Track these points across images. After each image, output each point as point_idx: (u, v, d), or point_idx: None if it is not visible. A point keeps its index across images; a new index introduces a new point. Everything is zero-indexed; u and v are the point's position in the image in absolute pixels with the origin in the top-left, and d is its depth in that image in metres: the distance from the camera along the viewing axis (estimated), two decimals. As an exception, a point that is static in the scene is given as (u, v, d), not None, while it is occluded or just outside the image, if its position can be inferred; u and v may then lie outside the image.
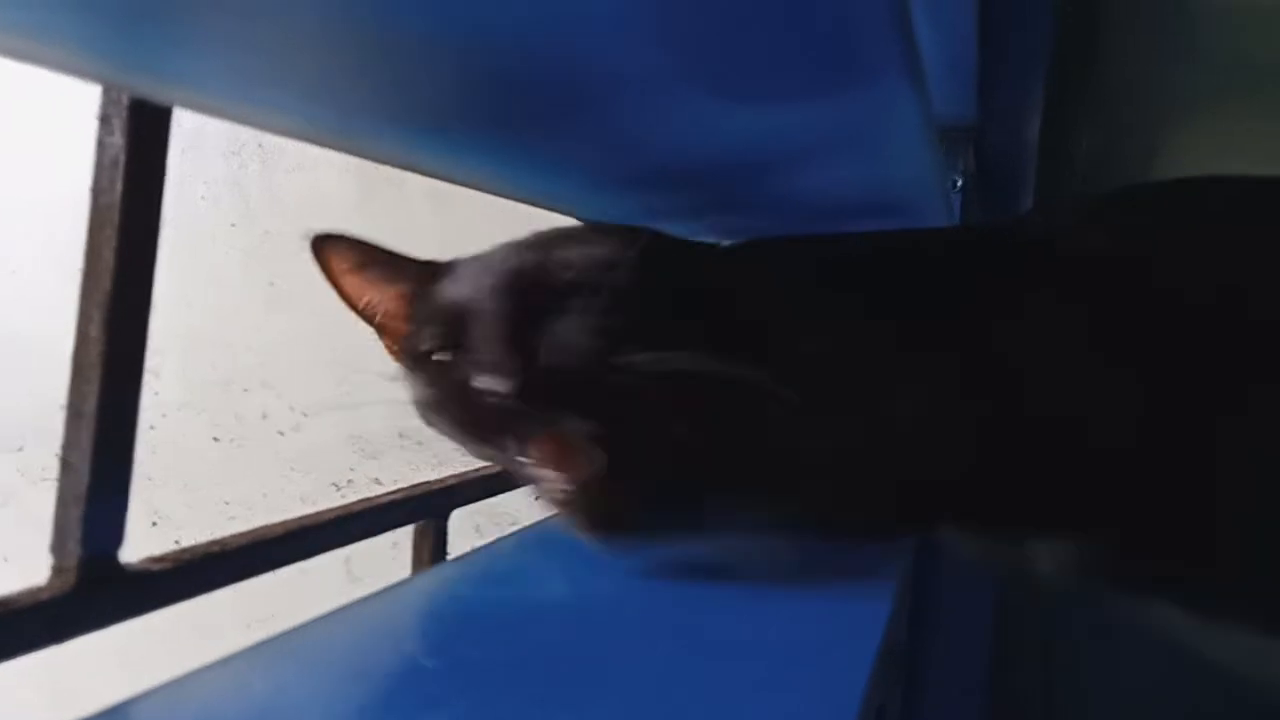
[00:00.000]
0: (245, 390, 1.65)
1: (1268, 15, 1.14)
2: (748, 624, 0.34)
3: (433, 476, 0.56)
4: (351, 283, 0.51)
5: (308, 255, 0.51)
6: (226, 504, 1.72)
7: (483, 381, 0.40)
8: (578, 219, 0.55)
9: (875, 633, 0.32)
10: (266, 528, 0.43)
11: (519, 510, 0.86)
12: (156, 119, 0.34)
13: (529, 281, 0.44)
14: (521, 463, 0.42)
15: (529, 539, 0.47)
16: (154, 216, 0.34)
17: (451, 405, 0.45)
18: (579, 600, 0.37)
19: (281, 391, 1.62)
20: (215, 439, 1.71)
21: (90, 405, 0.33)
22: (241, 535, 0.41)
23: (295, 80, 0.30)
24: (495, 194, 0.51)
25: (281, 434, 1.63)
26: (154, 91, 0.31)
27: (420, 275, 0.50)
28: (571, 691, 0.27)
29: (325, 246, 0.50)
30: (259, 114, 0.37)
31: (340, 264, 0.50)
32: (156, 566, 0.36)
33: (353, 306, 0.52)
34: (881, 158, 0.40)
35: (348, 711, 0.27)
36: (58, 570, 0.33)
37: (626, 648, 0.31)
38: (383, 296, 0.51)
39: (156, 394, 1.73)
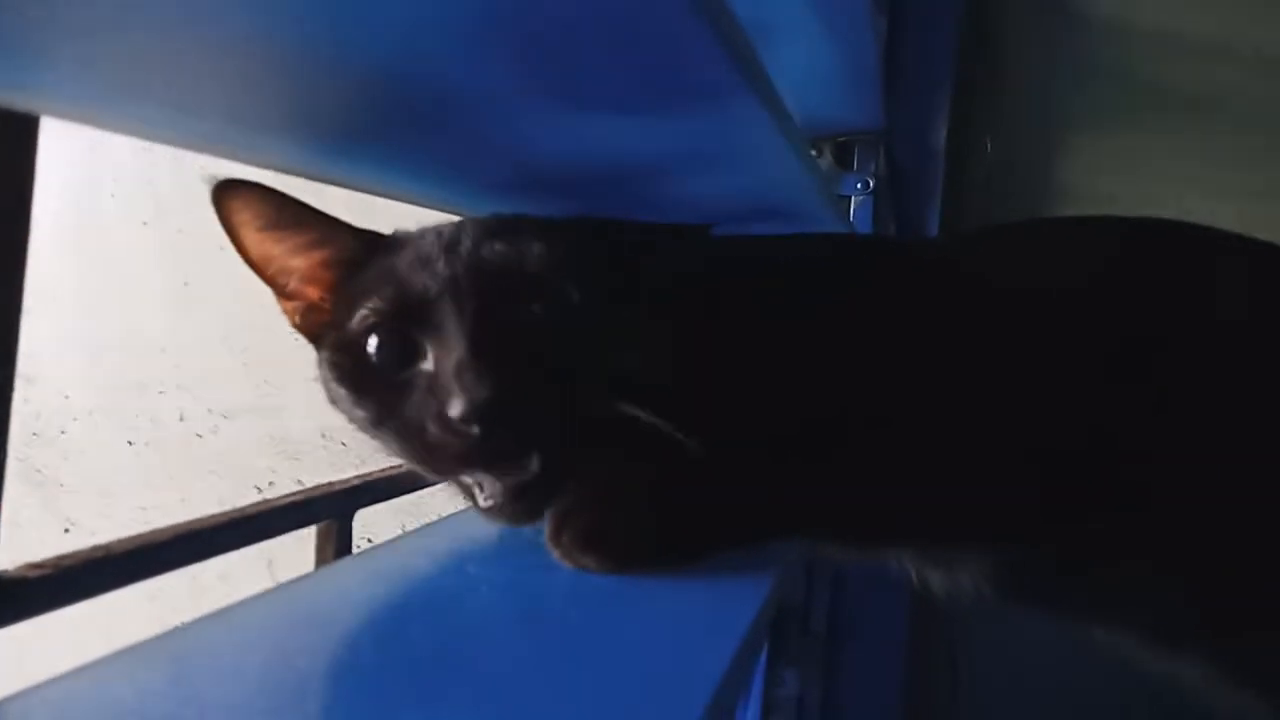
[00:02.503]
0: (160, 392, 1.60)
1: (1153, 37, 1.22)
2: (626, 615, 0.35)
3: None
4: (258, 242, 0.45)
5: (224, 254, 0.46)
6: (143, 509, 1.67)
7: (450, 404, 0.39)
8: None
9: (746, 620, 0.34)
10: (155, 531, 0.43)
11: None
12: (24, 120, 0.34)
13: (497, 279, 0.42)
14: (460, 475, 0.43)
15: (427, 536, 0.48)
16: (23, 219, 0.34)
17: (382, 392, 0.43)
18: (462, 591, 0.38)
19: (198, 393, 1.57)
20: (130, 443, 1.65)
21: (-42, 410, 0.33)
22: (127, 540, 0.41)
23: (166, 96, 0.30)
24: (394, 198, 0.51)
25: (199, 436, 1.59)
26: (17, 103, 0.31)
27: (355, 244, 0.46)
28: (444, 679, 0.29)
29: (230, 196, 0.43)
30: (136, 126, 0.37)
31: (246, 218, 0.44)
32: (34, 574, 0.36)
33: (255, 267, 0.46)
34: (750, 169, 0.42)
35: (226, 702, 0.28)
36: (-74, 579, 0.32)
37: (502, 635, 0.32)
38: (298, 260, 0.46)
39: (67, 398, 1.67)
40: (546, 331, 0.42)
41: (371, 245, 0.46)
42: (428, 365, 0.42)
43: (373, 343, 0.43)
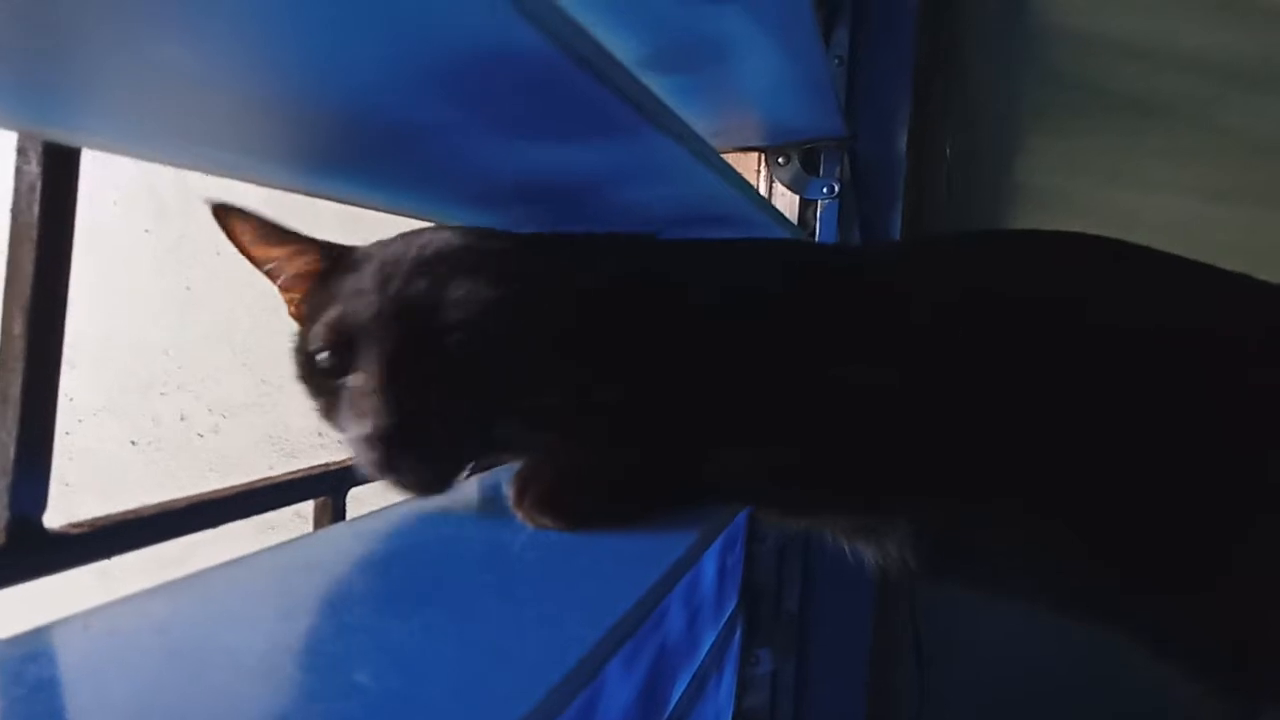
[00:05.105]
0: (162, 393, 1.66)
1: (1107, 43, 1.29)
2: (571, 559, 0.42)
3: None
4: (255, 250, 0.53)
5: (223, 259, 0.54)
6: (146, 507, 1.73)
7: (363, 425, 0.45)
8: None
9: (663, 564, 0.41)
10: (175, 500, 0.49)
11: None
12: (68, 151, 0.40)
13: (415, 318, 0.47)
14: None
15: (409, 507, 0.54)
16: (67, 233, 0.41)
17: (327, 396, 0.50)
18: (439, 543, 0.45)
19: (199, 394, 1.64)
20: (133, 442, 1.71)
21: (15, 391, 0.39)
22: (153, 506, 0.48)
23: (187, 133, 0.37)
24: (379, 210, 0.58)
25: (200, 436, 1.65)
26: (63, 138, 0.38)
27: (322, 257, 0.52)
28: (418, 600, 0.35)
29: (226, 216, 0.51)
30: (160, 156, 0.44)
31: (242, 233, 0.52)
32: (76, 530, 0.43)
33: (256, 267, 0.54)
34: (675, 182, 0.49)
35: (245, 616, 0.34)
36: (-12, 532, 0.39)
37: (468, 572, 0.39)
38: (284, 269, 0.54)
39: (72, 399, 1.73)
40: (457, 365, 0.48)
41: (337, 259, 0.53)
42: (357, 383, 0.48)
43: (322, 356, 0.49)
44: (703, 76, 0.87)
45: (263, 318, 1.49)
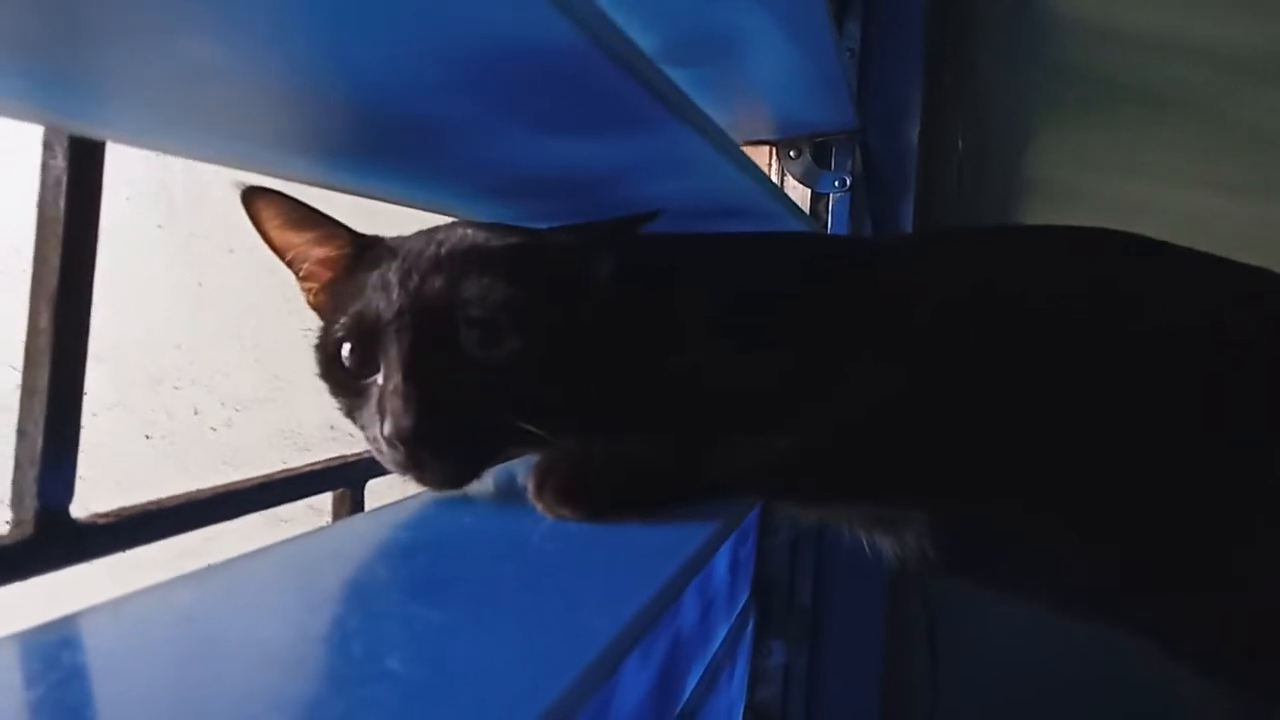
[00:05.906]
0: (176, 388, 1.67)
1: (1119, 36, 1.28)
2: (590, 550, 0.42)
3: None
4: (278, 235, 0.52)
5: (234, 256, 0.55)
6: (160, 501, 1.74)
7: (384, 424, 0.46)
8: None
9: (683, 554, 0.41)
10: (198, 491, 0.50)
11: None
12: (93, 145, 0.41)
13: (435, 316, 0.48)
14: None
15: (429, 499, 0.55)
16: (92, 227, 0.41)
17: (350, 394, 0.50)
18: (460, 534, 0.45)
19: (212, 388, 1.65)
20: (147, 436, 1.72)
21: (42, 384, 0.40)
22: (176, 497, 0.48)
23: (211, 125, 0.37)
24: (396, 203, 0.58)
25: (213, 430, 1.66)
26: (89, 132, 0.38)
27: (349, 245, 0.52)
28: (441, 588, 0.36)
29: (255, 198, 0.50)
30: (183, 148, 0.44)
31: (269, 215, 0.51)
32: (102, 520, 0.43)
33: (277, 254, 0.54)
34: (695, 176, 0.49)
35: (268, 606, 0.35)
36: (17, 522, 0.40)
37: (490, 562, 0.40)
38: (308, 255, 0.53)
39: (86, 394, 1.74)
40: (476, 363, 0.48)
41: (365, 248, 0.53)
42: (380, 380, 0.49)
43: (345, 350, 0.50)
44: (715, 70, 0.87)
45: (273, 313, 1.50)
